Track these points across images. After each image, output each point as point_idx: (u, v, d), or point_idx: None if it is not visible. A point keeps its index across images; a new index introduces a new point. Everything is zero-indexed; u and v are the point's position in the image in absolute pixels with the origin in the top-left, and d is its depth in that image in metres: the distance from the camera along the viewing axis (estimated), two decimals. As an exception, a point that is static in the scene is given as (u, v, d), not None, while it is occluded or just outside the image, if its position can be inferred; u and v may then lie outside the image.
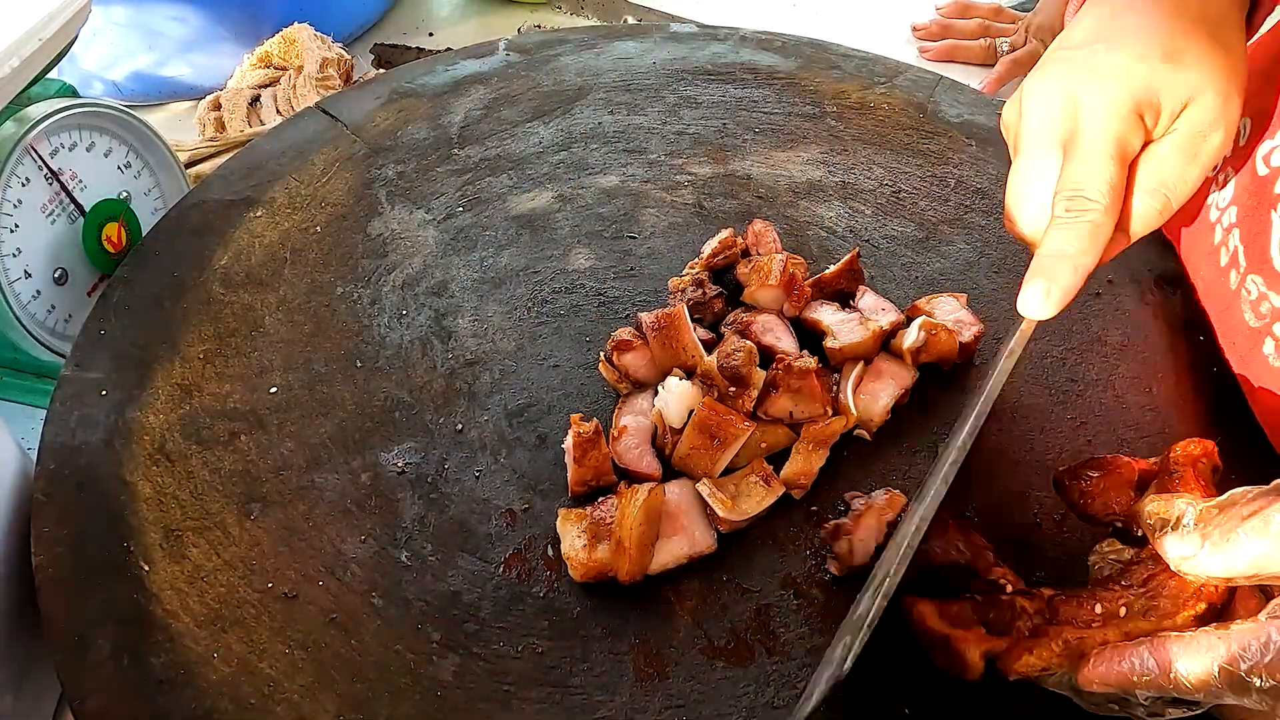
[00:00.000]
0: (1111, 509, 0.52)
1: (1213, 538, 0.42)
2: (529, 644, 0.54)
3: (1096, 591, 0.49)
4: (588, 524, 0.56)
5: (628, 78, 0.91)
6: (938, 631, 0.50)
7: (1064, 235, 0.53)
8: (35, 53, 0.63)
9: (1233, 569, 0.42)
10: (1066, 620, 0.49)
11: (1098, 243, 0.53)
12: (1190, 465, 0.50)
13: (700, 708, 0.52)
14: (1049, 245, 0.53)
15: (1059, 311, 0.53)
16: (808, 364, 0.61)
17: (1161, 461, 0.52)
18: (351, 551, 0.58)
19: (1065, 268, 0.52)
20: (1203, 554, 0.43)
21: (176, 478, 0.60)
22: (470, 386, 0.66)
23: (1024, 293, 0.54)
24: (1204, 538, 0.43)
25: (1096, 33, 0.56)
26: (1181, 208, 0.75)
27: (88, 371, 0.65)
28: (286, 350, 0.67)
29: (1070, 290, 0.53)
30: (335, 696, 0.52)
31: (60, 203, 0.72)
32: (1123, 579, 0.49)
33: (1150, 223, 0.55)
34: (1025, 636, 0.48)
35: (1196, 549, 0.43)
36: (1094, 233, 0.52)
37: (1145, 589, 0.48)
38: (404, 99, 0.87)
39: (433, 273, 0.73)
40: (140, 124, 0.78)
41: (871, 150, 0.84)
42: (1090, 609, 0.48)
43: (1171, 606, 0.46)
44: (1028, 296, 0.54)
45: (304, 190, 0.78)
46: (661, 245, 0.76)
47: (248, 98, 1.03)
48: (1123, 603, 0.48)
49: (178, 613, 0.54)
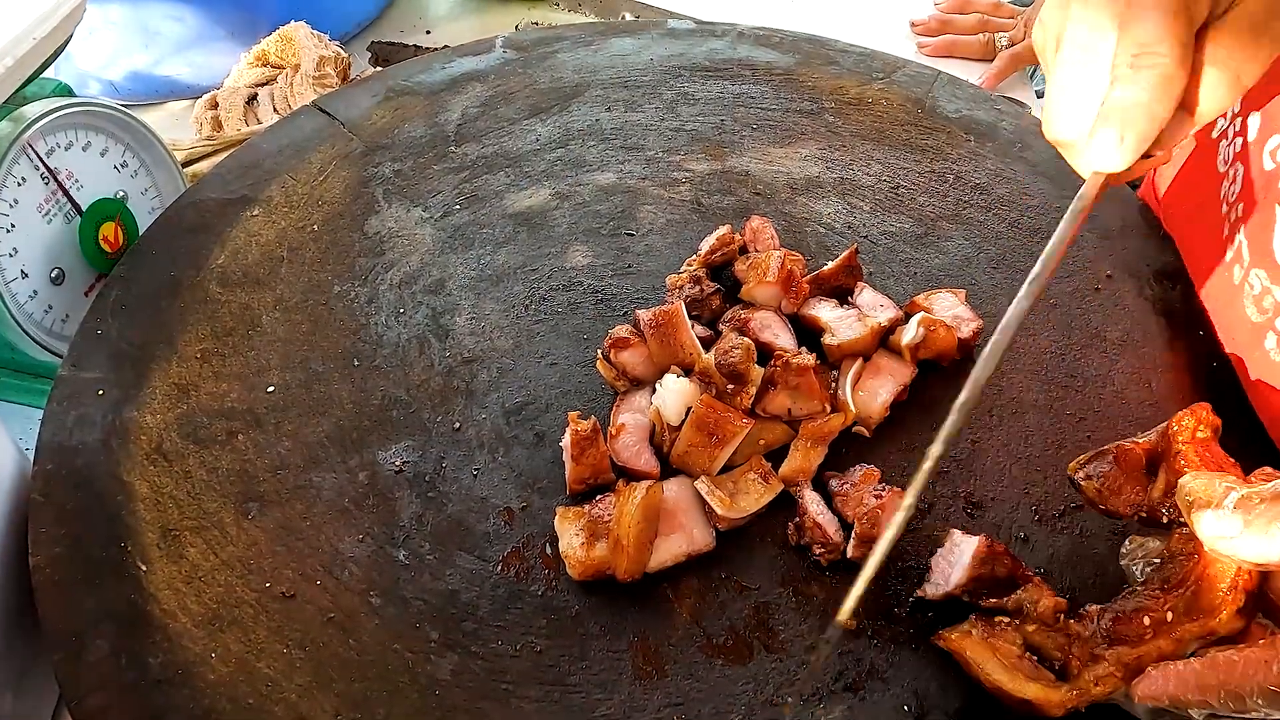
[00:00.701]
0: (1133, 501, 0.53)
1: (1255, 524, 0.42)
2: (527, 642, 0.54)
3: (1142, 601, 0.49)
4: (586, 522, 0.56)
5: (625, 74, 0.91)
6: (1015, 695, 0.49)
7: (1134, 87, 0.47)
8: (30, 51, 0.63)
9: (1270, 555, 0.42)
10: (1120, 639, 0.49)
11: (1170, 94, 0.47)
12: (1191, 441, 0.51)
13: (699, 706, 0.52)
14: (1117, 95, 0.48)
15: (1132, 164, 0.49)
16: (806, 361, 0.61)
17: (1160, 441, 0.52)
18: (349, 551, 0.58)
19: (1138, 116, 0.47)
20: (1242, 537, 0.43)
21: (174, 477, 0.60)
22: (468, 385, 0.66)
23: (1094, 142, 0.49)
24: (1245, 523, 0.43)
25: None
26: (1182, 204, 0.76)
27: (85, 371, 0.65)
28: (284, 349, 0.67)
29: (1145, 139, 0.48)
30: (333, 696, 0.52)
31: (57, 202, 0.72)
32: (1162, 581, 0.50)
33: (1221, 101, 0.50)
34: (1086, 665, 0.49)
35: (1237, 531, 0.43)
36: (1165, 83, 0.47)
37: (1185, 588, 0.48)
38: (401, 97, 0.87)
39: (430, 271, 0.73)
40: (137, 123, 0.78)
41: (870, 146, 0.84)
42: (1140, 622, 0.48)
43: (1212, 602, 0.47)
44: (1099, 144, 0.49)
45: (301, 189, 0.78)
46: (659, 242, 0.76)
47: (245, 96, 1.02)
48: (1168, 607, 0.48)
49: (175, 612, 0.54)
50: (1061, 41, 0.52)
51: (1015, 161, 0.83)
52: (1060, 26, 0.52)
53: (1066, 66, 0.51)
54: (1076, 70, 0.50)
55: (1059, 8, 0.53)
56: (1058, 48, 0.52)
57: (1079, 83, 0.50)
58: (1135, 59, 0.48)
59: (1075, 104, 0.51)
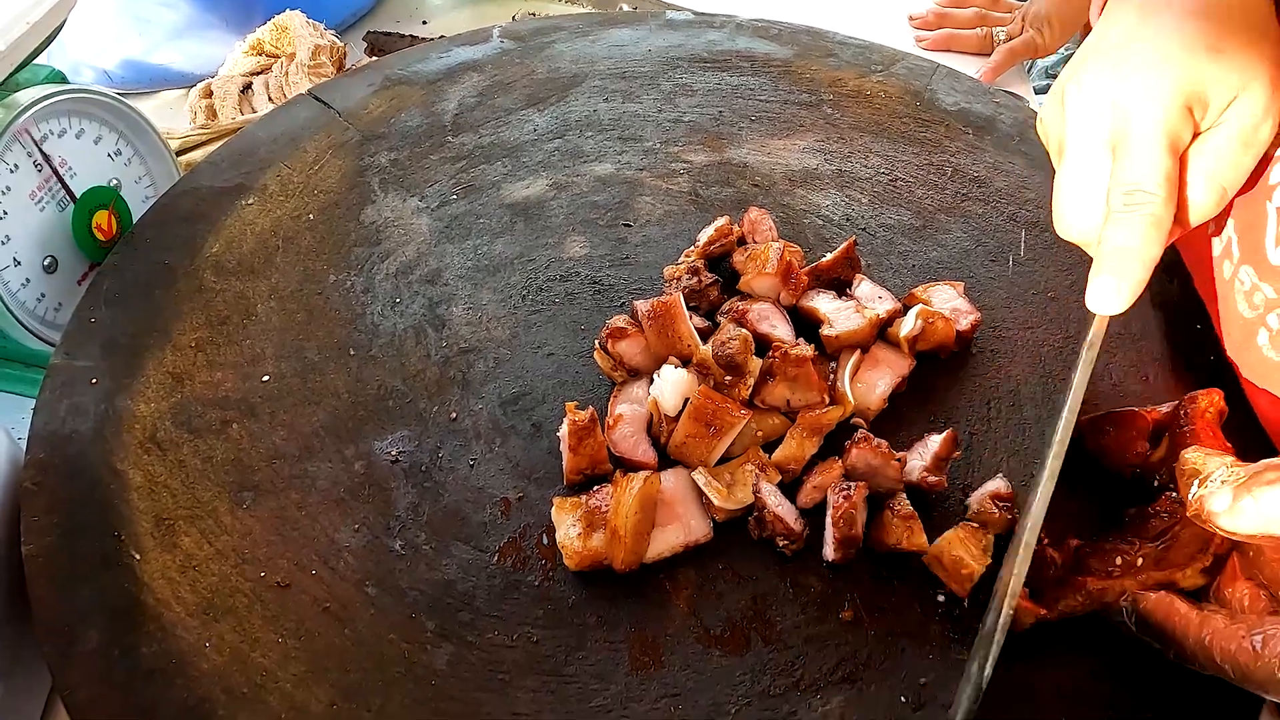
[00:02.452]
0: (1129, 460, 0.58)
1: (1243, 498, 0.45)
2: (524, 633, 0.54)
3: (1118, 544, 0.53)
4: (583, 513, 0.56)
5: (623, 65, 0.90)
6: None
7: (1125, 229, 0.52)
8: (23, 36, 0.62)
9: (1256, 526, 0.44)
10: (1089, 570, 0.53)
11: (1160, 234, 0.52)
12: (1199, 418, 0.55)
13: (696, 696, 0.52)
14: (1111, 240, 0.52)
15: (1130, 306, 0.53)
16: (804, 352, 0.60)
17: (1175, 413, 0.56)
18: (345, 540, 0.57)
19: (1131, 262, 0.52)
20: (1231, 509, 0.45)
21: (168, 466, 0.60)
22: (464, 375, 0.66)
23: (1093, 289, 0.53)
24: (1235, 496, 0.45)
25: (1134, 28, 0.55)
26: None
27: (78, 360, 0.64)
28: (279, 338, 0.67)
29: (1139, 284, 0.52)
30: (328, 686, 0.51)
31: (50, 190, 0.72)
32: (1141, 531, 0.53)
33: (1207, 212, 0.54)
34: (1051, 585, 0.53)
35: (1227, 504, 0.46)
36: (1155, 224, 0.52)
37: (1160, 541, 0.52)
38: (397, 86, 0.87)
39: (426, 261, 0.73)
40: (131, 111, 0.77)
41: (868, 138, 0.84)
42: (1112, 560, 0.52)
43: (1181, 558, 0.51)
44: (1098, 292, 0.53)
45: (296, 178, 0.77)
46: (657, 233, 0.75)
47: (239, 85, 1.02)
48: (1141, 554, 0.52)
49: (169, 602, 0.54)
50: (1063, 153, 0.56)
51: (1014, 154, 0.83)
52: (1061, 136, 0.57)
53: (1070, 179, 0.56)
54: (1079, 184, 0.55)
55: (1056, 114, 0.57)
56: (1059, 155, 0.57)
57: (1083, 194, 0.55)
58: (1127, 197, 0.52)
59: (1082, 210, 0.55)
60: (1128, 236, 0.52)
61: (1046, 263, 0.74)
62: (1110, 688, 0.53)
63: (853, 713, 0.52)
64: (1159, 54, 0.53)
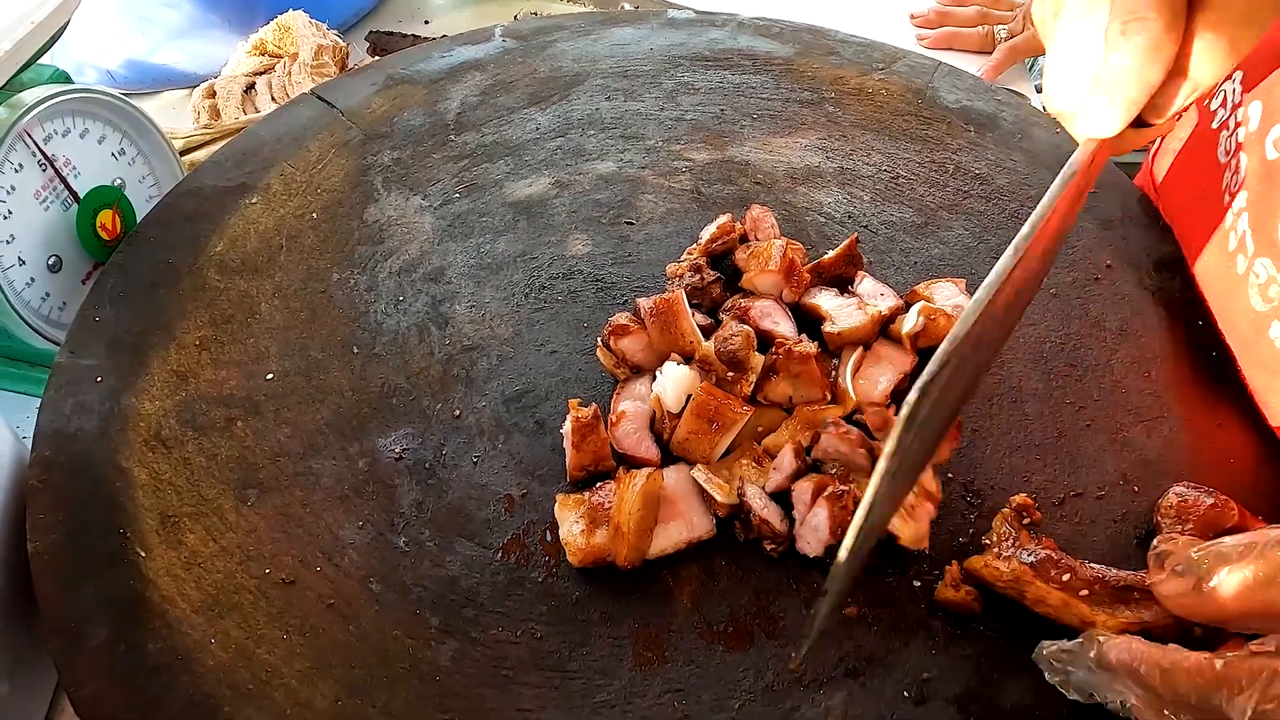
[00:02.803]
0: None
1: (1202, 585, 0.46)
2: (528, 629, 0.54)
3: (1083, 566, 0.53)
4: (586, 509, 0.56)
5: (625, 64, 0.90)
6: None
7: (1124, 52, 0.48)
8: (27, 36, 0.63)
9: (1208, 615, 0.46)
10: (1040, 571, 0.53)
11: (1160, 59, 0.47)
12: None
13: (699, 692, 0.52)
14: (1109, 62, 0.48)
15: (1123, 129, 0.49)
16: (807, 349, 0.60)
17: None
18: (349, 537, 0.57)
19: (1129, 81, 0.48)
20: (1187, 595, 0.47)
21: (173, 464, 0.60)
22: (468, 372, 0.66)
23: (1086, 107, 0.49)
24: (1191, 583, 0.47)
25: None
26: (1180, 194, 0.76)
27: (83, 358, 0.64)
28: (283, 337, 0.67)
29: (1135, 103, 0.48)
30: (333, 682, 0.52)
31: (54, 189, 0.72)
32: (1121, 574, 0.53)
33: (1216, 67, 0.49)
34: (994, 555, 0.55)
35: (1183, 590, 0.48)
36: (1156, 45, 0.47)
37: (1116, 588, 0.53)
38: (400, 85, 0.87)
39: (430, 259, 0.73)
40: (135, 111, 0.78)
41: (870, 136, 0.84)
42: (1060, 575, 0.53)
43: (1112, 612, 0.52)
44: (1091, 110, 0.49)
45: (300, 177, 0.78)
46: (659, 231, 0.76)
47: (242, 85, 1.02)
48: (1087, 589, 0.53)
49: (174, 599, 0.54)
50: (1059, 14, 0.52)
51: (1015, 152, 0.83)
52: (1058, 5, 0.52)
53: (1063, 38, 0.51)
54: (1073, 42, 0.50)
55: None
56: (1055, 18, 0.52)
57: (1075, 54, 0.50)
58: (1125, 25, 0.48)
59: (1072, 75, 0.51)
60: (1126, 59, 0.48)
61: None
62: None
63: (855, 707, 0.52)
64: None
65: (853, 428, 0.58)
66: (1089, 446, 0.63)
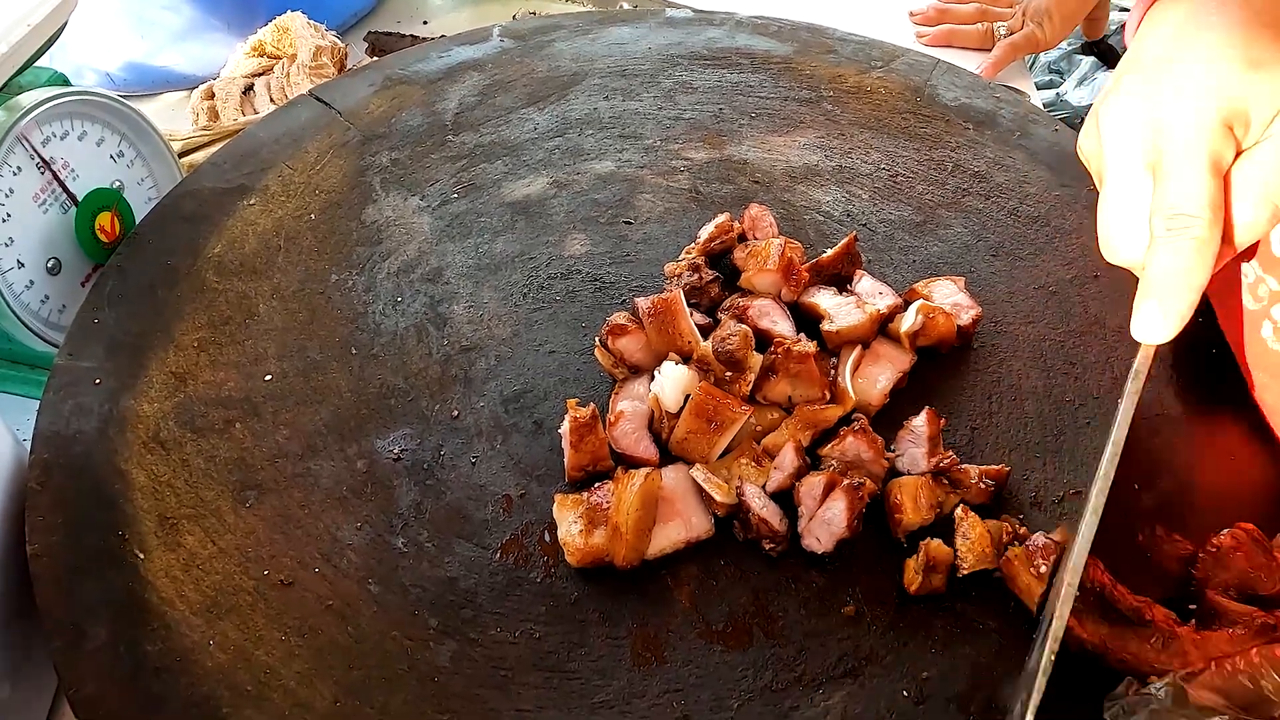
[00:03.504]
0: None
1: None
2: (526, 629, 0.54)
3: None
4: (584, 509, 0.56)
5: (623, 63, 0.90)
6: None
7: (1170, 255, 0.50)
8: (24, 38, 0.63)
9: None
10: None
11: (1206, 258, 0.50)
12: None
13: (698, 691, 0.52)
14: (1156, 265, 0.51)
15: (1177, 333, 0.51)
16: (806, 348, 0.60)
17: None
18: (348, 538, 0.57)
19: (1178, 287, 0.50)
20: None
21: (171, 466, 0.60)
22: (466, 373, 0.66)
23: (1138, 316, 0.52)
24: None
25: (1169, 47, 0.53)
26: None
27: (82, 360, 0.64)
28: (281, 338, 0.67)
29: (1187, 310, 0.51)
30: (332, 683, 0.52)
31: (52, 192, 0.72)
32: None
33: (1258, 230, 0.52)
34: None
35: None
36: (1200, 249, 0.50)
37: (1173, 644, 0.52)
38: (398, 86, 0.87)
39: (428, 259, 0.73)
40: (133, 113, 0.78)
41: (868, 134, 0.84)
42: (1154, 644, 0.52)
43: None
44: (1143, 319, 0.52)
45: (298, 178, 0.78)
46: (658, 230, 0.76)
47: (241, 87, 1.02)
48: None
49: (173, 600, 0.54)
50: (1103, 177, 0.55)
51: (1014, 149, 0.83)
52: (1099, 161, 0.55)
53: (1112, 205, 0.54)
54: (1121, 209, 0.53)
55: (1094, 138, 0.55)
56: (1100, 181, 0.55)
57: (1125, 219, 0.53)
58: (1170, 221, 0.50)
59: (1127, 234, 0.53)
60: (1172, 261, 0.50)
61: (1048, 257, 0.74)
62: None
63: (854, 707, 0.52)
64: (1195, 72, 0.51)
65: (879, 437, 0.59)
66: (1089, 444, 0.63)
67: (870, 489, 0.57)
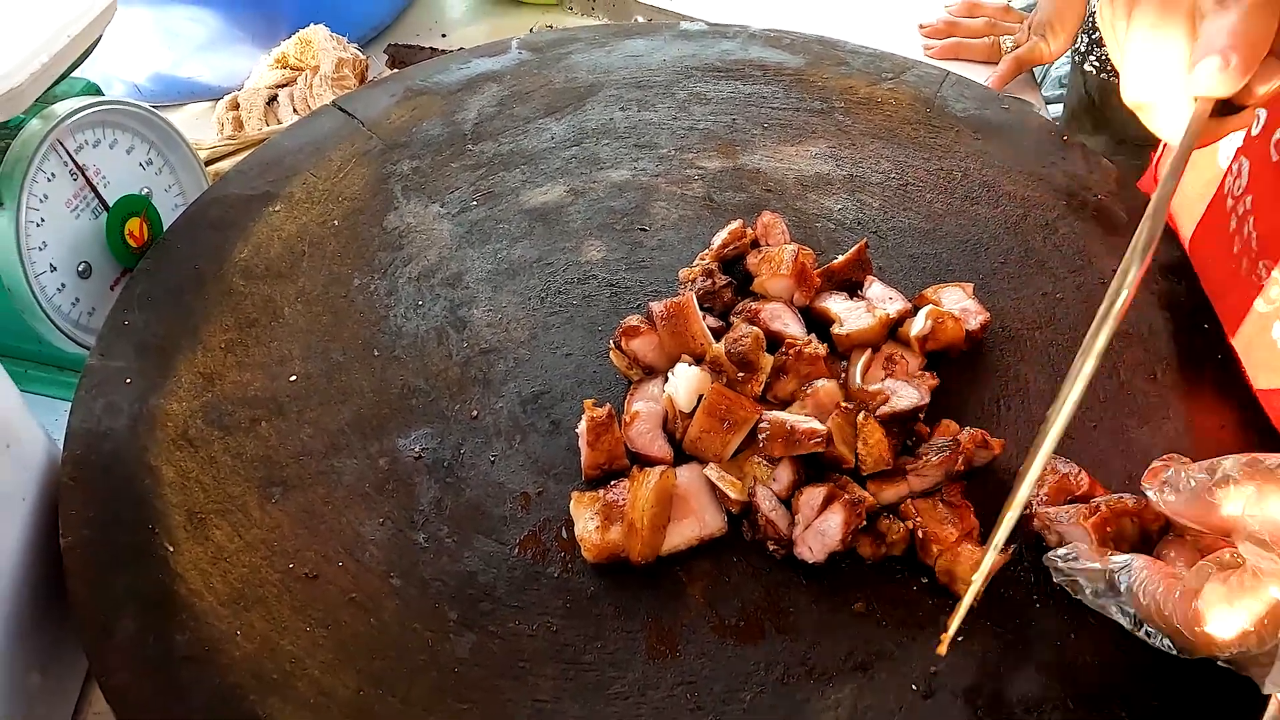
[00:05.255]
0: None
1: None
2: (544, 622, 0.55)
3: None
4: (600, 506, 0.58)
5: (638, 75, 0.92)
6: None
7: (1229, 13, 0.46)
8: (63, 49, 0.65)
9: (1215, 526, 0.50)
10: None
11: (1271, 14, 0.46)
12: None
13: (711, 684, 0.53)
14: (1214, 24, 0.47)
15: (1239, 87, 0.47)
16: (818, 350, 0.62)
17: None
18: (370, 534, 0.59)
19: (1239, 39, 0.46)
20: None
21: (199, 462, 0.62)
22: (485, 374, 0.67)
23: (1198, 69, 0.47)
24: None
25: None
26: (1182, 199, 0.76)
27: (112, 361, 0.66)
28: (305, 340, 0.69)
29: (1251, 61, 0.46)
30: (355, 673, 0.53)
31: (84, 198, 0.74)
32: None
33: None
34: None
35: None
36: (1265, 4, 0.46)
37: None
38: (419, 96, 0.89)
39: (448, 265, 0.75)
40: (162, 122, 0.80)
41: (879, 144, 0.85)
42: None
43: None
44: (1204, 70, 0.47)
45: (321, 185, 0.80)
46: (672, 237, 0.77)
47: (265, 97, 1.04)
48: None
49: (201, 592, 0.56)
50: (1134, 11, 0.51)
51: (1023, 159, 0.84)
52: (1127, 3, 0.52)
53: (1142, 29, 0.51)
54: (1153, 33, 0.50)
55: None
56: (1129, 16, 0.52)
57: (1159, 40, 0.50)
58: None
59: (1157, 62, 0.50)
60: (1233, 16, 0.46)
61: (1055, 264, 0.76)
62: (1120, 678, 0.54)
63: (864, 700, 0.53)
64: None
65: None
66: (1095, 447, 0.64)
67: (870, 504, 0.58)
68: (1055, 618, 0.56)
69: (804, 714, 0.52)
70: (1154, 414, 0.66)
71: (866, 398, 0.61)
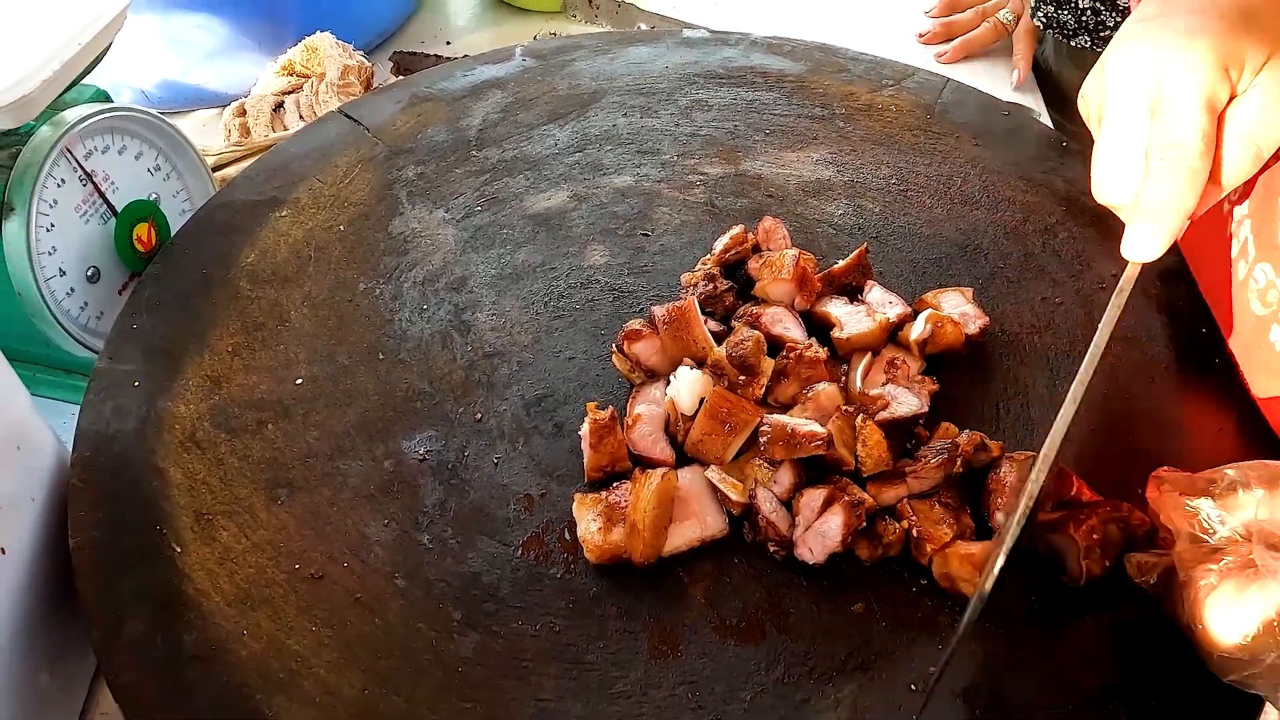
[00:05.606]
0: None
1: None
2: (547, 623, 0.56)
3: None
4: (603, 508, 0.58)
5: (641, 82, 0.93)
6: None
7: (1163, 182, 0.54)
8: (73, 57, 0.66)
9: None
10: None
11: (1195, 187, 0.54)
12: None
13: (712, 684, 0.54)
14: (1149, 192, 0.55)
15: (1162, 254, 0.55)
16: (819, 353, 0.62)
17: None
18: (375, 535, 0.60)
19: (1168, 210, 0.54)
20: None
21: (206, 464, 0.62)
22: (489, 377, 0.68)
23: (1129, 236, 0.56)
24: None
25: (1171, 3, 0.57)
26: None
27: (121, 364, 0.67)
28: (311, 343, 0.70)
29: (1175, 232, 0.54)
30: (360, 672, 0.54)
31: (93, 203, 0.75)
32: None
33: (1242, 171, 0.56)
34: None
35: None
36: (1191, 177, 0.54)
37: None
38: (424, 103, 0.90)
39: (452, 269, 0.75)
40: (170, 128, 0.81)
41: (879, 150, 0.86)
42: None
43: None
44: (1135, 238, 0.55)
45: (327, 191, 0.81)
46: (674, 242, 0.78)
47: (271, 104, 1.05)
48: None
49: (208, 592, 0.56)
50: (1102, 119, 0.58)
51: (1023, 165, 0.85)
52: (1100, 104, 0.59)
53: (1108, 144, 0.58)
54: (1117, 149, 0.57)
55: (1097, 86, 0.59)
56: (1099, 123, 0.59)
57: (1120, 159, 0.57)
58: (1164, 152, 0.54)
59: (1119, 175, 0.57)
60: (1164, 187, 0.54)
61: (1054, 269, 0.76)
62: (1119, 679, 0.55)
63: (864, 700, 0.53)
64: (1195, 23, 0.55)
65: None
66: (1094, 451, 0.65)
67: (870, 506, 0.58)
68: (1055, 618, 0.56)
69: (804, 714, 0.53)
70: (1153, 418, 0.67)
71: (867, 402, 0.62)
